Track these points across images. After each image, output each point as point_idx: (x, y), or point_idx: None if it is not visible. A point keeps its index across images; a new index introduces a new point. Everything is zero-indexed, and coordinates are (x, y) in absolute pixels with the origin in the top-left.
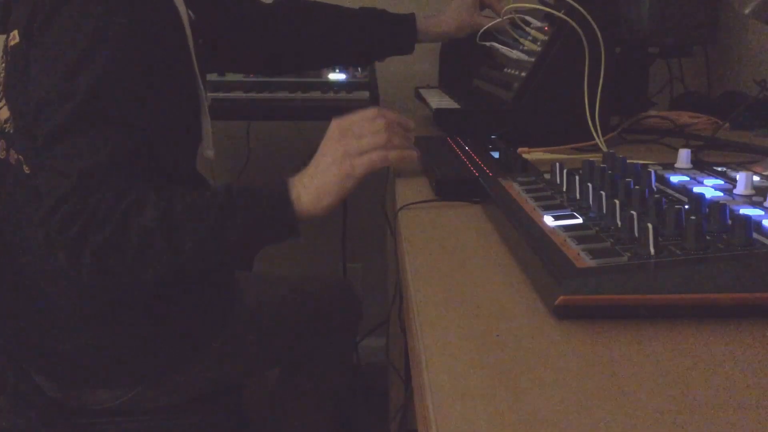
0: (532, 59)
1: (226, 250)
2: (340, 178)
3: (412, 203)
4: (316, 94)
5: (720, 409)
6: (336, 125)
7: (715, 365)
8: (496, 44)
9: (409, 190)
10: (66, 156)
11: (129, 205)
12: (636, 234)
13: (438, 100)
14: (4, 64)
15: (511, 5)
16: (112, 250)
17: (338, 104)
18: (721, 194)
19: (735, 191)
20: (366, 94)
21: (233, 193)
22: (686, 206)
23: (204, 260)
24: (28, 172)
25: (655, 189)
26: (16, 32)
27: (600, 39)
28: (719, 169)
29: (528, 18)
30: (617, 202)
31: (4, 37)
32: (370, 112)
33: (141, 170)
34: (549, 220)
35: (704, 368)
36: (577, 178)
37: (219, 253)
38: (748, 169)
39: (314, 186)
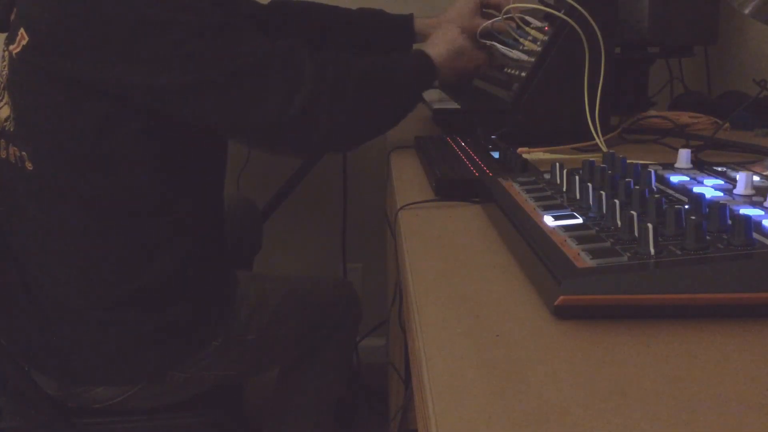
0: (532, 59)
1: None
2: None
3: (412, 203)
4: None
5: (720, 409)
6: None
7: (715, 365)
8: (496, 44)
9: (409, 190)
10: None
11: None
12: (636, 234)
13: (438, 100)
14: (5, 62)
15: (511, 5)
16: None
17: None
18: (721, 194)
19: (735, 191)
20: None
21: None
22: (686, 206)
23: (403, 91)
24: (31, 168)
25: (655, 189)
26: (23, 31)
27: (600, 39)
28: (719, 169)
29: (528, 18)
30: (617, 202)
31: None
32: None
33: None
34: (549, 220)
35: (704, 368)
36: (577, 178)
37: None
38: (748, 169)
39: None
